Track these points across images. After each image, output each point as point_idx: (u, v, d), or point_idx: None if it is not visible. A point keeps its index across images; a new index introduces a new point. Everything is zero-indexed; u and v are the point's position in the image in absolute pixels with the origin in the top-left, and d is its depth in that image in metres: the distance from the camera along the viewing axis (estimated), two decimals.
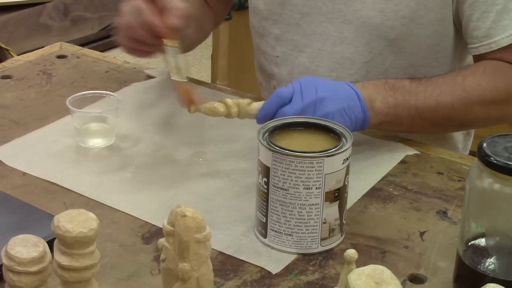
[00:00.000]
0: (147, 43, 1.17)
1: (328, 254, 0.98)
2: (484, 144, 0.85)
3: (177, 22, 1.14)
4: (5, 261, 0.75)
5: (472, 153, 1.33)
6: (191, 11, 1.19)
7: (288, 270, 0.95)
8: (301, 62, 1.35)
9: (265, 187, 0.96)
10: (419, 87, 1.19)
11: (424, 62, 1.30)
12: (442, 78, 1.21)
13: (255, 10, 1.40)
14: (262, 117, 1.11)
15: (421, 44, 1.28)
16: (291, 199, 0.95)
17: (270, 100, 1.11)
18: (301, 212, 0.95)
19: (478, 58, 1.26)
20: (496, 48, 1.21)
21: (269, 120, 1.05)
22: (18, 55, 1.90)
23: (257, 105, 1.12)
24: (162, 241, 0.79)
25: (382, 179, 1.14)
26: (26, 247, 0.75)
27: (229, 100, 1.12)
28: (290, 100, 1.10)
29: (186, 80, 1.14)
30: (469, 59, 1.34)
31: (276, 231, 0.97)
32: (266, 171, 0.96)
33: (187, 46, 1.35)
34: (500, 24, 1.20)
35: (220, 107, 1.11)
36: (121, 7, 1.19)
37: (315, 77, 1.16)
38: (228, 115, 1.12)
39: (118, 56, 1.69)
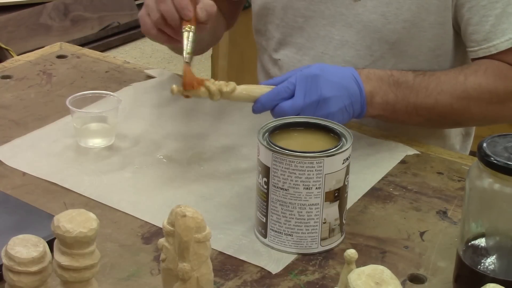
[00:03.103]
0: (168, 23, 1.15)
1: (328, 254, 0.98)
2: (484, 144, 0.85)
3: (203, 15, 1.14)
4: (5, 261, 0.75)
5: (472, 153, 1.33)
6: (216, 11, 1.19)
7: (288, 270, 0.95)
8: (303, 65, 1.35)
9: (265, 187, 0.96)
10: (422, 83, 1.20)
11: (425, 65, 1.30)
12: (445, 75, 1.22)
13: (259, 14, 1.40)
14: (258, 110, 1.14)
15: (422, 47, 1.28)
16: (291, 199, 0.95)
17: (269, 95, 1.12)
18: (301, 212, 0.95)
19: None
20: (495, 52, 1.22)
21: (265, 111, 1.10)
22: (18, 55, 1.90)
23: (240, 90, 1.12)
24: (162, 241, 0.79)
25: (382, 179, 1.14)
26: (26, 247, 0.75)
27: (213, 87, 1.11)
28: (292, 95, 1.12)
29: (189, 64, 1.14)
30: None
31: (276, 231, 0.97)
32: (266, 171, 0.96)
33: (201, 48, 1.38)
34: (499, 28, 1.20)
35: (203, 94, 1.11)
36: None
37: (321, 67, 1.16)
38: (211, 97, 1.12)
39: (118, 56, 1.69)
